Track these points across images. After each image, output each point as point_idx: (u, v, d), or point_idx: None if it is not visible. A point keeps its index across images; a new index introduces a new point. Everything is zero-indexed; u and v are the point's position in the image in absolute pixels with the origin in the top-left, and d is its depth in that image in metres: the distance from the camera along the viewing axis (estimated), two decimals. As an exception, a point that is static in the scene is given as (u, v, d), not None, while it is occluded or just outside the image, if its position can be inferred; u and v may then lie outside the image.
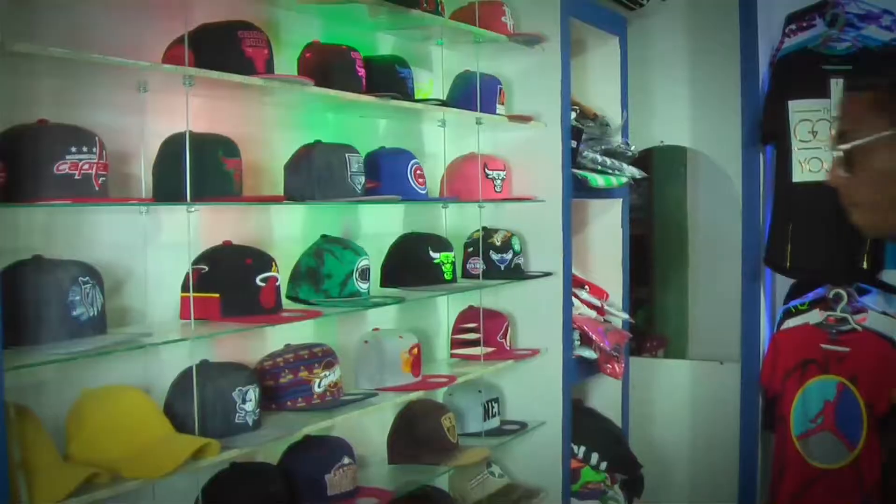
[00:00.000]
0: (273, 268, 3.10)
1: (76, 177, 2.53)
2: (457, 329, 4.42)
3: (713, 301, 6.18)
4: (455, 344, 4.41)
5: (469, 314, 4.39)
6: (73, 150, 2.53)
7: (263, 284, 3.04)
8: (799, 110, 5.71)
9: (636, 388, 5.50)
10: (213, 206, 3.04)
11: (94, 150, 2.58)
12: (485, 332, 4.28)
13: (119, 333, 2.75)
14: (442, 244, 3.97)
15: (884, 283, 5.64)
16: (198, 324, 2.89)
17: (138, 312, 3.01)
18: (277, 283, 3.11)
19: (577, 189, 4.65)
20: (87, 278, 2.59)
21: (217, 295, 2.94)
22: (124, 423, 2.65)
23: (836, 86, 5.63)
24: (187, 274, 2.93)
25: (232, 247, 3.11)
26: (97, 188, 2.59)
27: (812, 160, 5.66)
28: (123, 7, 2.96)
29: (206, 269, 2.97)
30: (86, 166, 2.55)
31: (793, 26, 5.89)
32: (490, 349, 4.25)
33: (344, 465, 3.32)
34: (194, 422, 2.80)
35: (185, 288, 2.95)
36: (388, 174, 3.74)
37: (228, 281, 2.99)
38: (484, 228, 4.40)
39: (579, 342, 4.74)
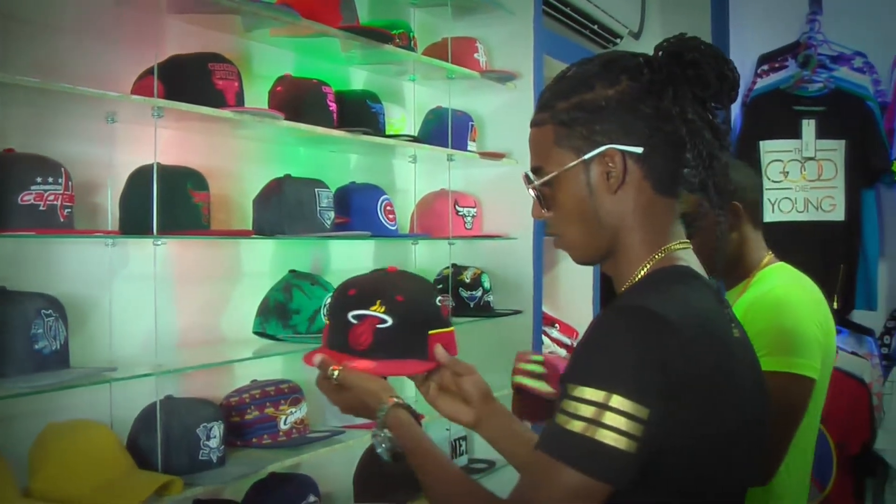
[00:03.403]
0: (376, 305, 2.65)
1: (41, 207, 2.50)
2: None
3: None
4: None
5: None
6: (39, 180, 2.51)
7: (356, 322, 2.66)
8: (770, 150, 5.75)
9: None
10: (181, 239, 3.01)
11: (60, 180, 2.56)
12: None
13: (83, 367, 2.70)
14: (411, 281, 3.93)
15: (854, 323, 5.66)
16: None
17: (103, 345, 2.97)
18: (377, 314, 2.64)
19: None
20: (51, 311, 2.56)
21: None
22: (87, 458, 2.60)
23: (808, 126, 5.67)
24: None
25: None
26: (62, 219, 2.56)
27: (783, 200, 5.70)
28: (94, 37, 2.93)
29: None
30: (51, 197, 2.52)
31: (765, 67, 5.94)
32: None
33: (310, 502, 3.29)
34: (158, 458, 2.76)
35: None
36: (357, 209, 3.72)
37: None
38: (454, 265, 4.39)
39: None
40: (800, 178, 5.73)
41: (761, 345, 2.58)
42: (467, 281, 4.40)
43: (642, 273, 1.87)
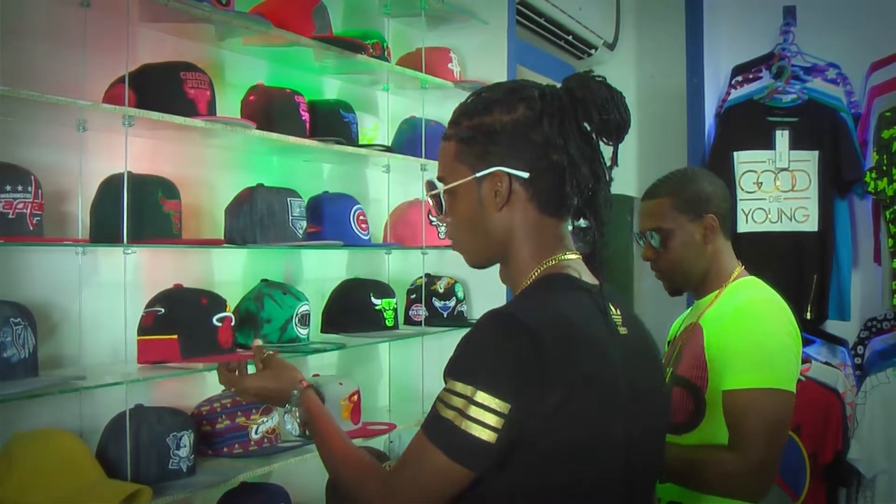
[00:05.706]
0: (227, 308, 3.07)
1: (10, 216, 2.51)
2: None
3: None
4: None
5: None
6: (8, 188, 2.51)
7: (220, 324, 3.01)
8: (744, 161, 5.76)
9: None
10: (151, 248, 3.00)
11: (30, 189, 2.56)
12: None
13: (52, 376, 2.70)
14: (384, 290, 3.94)
15: (827, 333, 5.68)
16: (156, 366, 2.90)
17: (73, 354, 2.96)
18: (233, 323, 3.08)
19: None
20: (19, 319, 2.55)
21: (175, 336, 2.91)
22: (55, 467, 2.58)
23: (782, 137, 5.69)
24: (143, 317, 2.91)
25: (185, 289, 3.07)
26: (31, 228, 2.56)
27: (756, 211, 5.71)
28: (66, 45, 2.92)
29: (163, 311, 2.93)
30: (20, 205, 2.52)
31: (739, 78, 5.96)
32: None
33: (281, 512, 3.28)
34: (127, 467, 2.75)
35: (140, 331, 2.91)
36: (330, 219, 3.72)
37: (186, 322, 2.96)
38: (427, 275, 4.39)
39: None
40: (773, 189, 5.75)
41: (741, 362, 2.64)
42: (441, 291, 4.39)
43: (528, 283, 2.07)
